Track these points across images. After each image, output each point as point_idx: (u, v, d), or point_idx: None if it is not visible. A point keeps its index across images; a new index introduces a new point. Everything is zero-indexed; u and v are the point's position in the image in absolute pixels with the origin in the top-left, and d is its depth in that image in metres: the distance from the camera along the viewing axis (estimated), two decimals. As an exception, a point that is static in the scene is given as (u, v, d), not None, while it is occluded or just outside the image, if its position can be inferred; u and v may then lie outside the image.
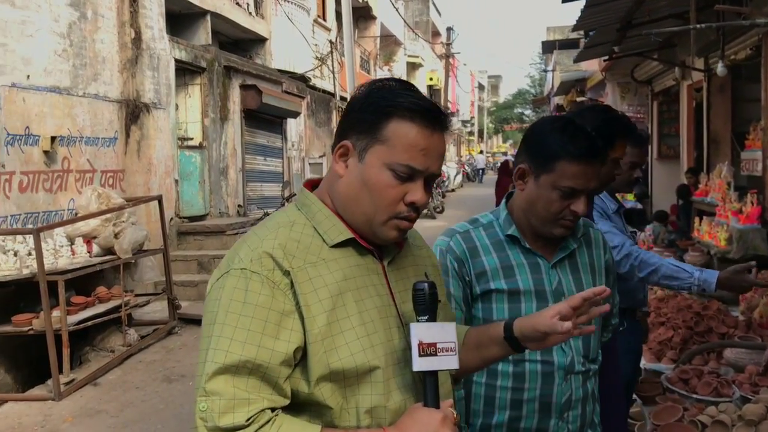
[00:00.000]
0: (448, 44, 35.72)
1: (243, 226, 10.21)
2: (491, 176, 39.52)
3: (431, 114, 1.34)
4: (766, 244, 5.92)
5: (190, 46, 10.63)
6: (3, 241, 6.00)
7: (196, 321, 7.44)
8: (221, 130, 11.46)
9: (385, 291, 1.40)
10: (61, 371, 5.68)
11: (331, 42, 17.61)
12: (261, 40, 14.20)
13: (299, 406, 1.32)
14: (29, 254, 5.92)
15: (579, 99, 19.64)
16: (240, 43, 14.05)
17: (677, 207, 10.02)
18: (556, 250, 1.95)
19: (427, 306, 1.33)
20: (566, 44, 24.80)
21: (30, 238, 5.89)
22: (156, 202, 8.11)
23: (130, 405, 5.48)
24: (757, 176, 6.53)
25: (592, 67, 15.53)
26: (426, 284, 1.34)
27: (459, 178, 32.50)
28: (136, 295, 7.26)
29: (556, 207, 1.85)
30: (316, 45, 16.71)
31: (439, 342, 1.31)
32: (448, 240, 1.97)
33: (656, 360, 4.02)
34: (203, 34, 11.56)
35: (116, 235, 6.94)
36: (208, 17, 11.58)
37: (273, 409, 1.26)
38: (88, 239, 6.77)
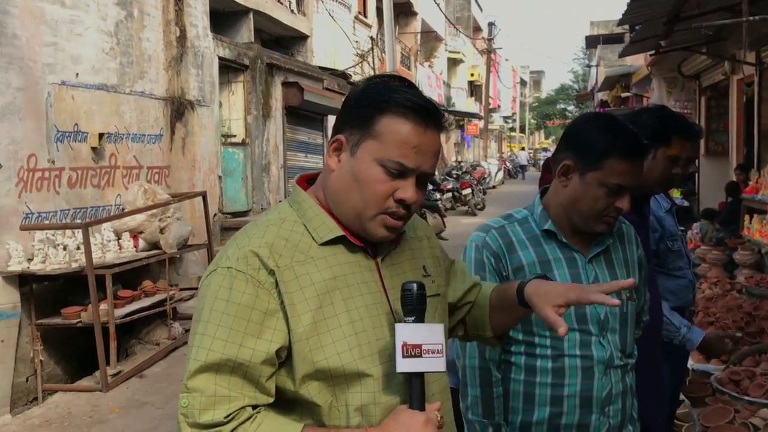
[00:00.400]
0: (490, 40, 35.50)
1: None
2: (532, 173, 39.13)
3: (425, 111, 1.32)
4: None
5: (234, 43, 10.75)
6: (53, 235, 6.15)
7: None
8: (263, 127, 11.58)
9: (378, 288, 1.38)
10: (108, 363, 5.81)
11: (371, 38, 17.65)
12: (302, 38, 14.30)
13: (288, 403, 1.32)
14: (78, 248, 6.06)
15: (624, 94, 19.33)
16: (282, 40, 14.17)
17: (725, 204, 9.77)
18: (592, 245, 1.95)
19: (414, 307, 1.30)
20: (610, 39, 24.43)
21: (79, 233, 6.03)
22: (200, 198, 8.23)
23: (175, 397, 5.56)
24: (811, 173, 6.34)
25: (638, 61, 15.26)
26: (414, 285, 1.31)
27: (500, 175, 32.27)
28: (181, 290, 7.37)
29: (602, 204, 1.85)
30: (356, 42, 16.77)
31: (425, 344, 1.28)
32: (483, 235, 1.97)
33: (704, 360, 3.92)
34: (246, 32, 11.70)
35: (162, 231, 7.06)
36: (251, 15, 11.71)
37: (255, 407, 1.26)
38: (135, 234, 6.90)
